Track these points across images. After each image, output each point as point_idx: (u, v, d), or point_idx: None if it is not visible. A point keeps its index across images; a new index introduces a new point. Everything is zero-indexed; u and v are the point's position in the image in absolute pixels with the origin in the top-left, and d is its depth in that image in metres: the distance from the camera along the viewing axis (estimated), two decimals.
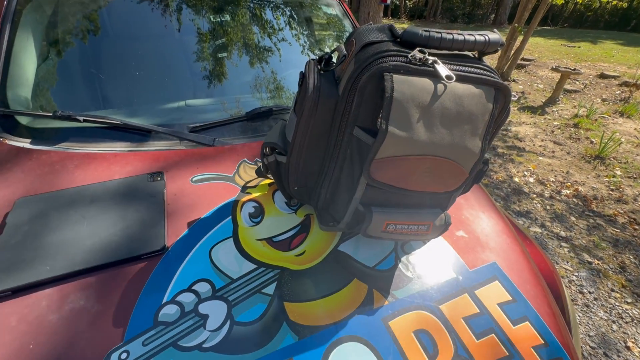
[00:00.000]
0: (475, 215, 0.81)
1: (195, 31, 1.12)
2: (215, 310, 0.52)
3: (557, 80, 4.87)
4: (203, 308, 0.52)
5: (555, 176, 3.01)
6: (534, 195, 2.69)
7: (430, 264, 0.66)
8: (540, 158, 3.35)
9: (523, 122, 4.20)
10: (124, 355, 0.46)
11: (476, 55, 0.51)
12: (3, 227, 0.59)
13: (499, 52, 5.67)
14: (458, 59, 0.47)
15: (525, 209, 2.49)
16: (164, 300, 0.53)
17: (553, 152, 3.48)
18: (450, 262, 0.67)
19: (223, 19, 1.16)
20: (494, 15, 13.42)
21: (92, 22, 1.05)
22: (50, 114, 0.83)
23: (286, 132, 0.57)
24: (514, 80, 5.48)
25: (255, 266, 0.59)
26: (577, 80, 5.69)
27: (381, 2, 4.93)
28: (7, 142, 0.80)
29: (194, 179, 0.75)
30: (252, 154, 0.85)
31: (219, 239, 0.63)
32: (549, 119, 4.31)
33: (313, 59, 0.54)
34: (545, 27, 12.80)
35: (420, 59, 0.43)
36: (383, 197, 0.53)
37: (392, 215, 0.53)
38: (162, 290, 0.54)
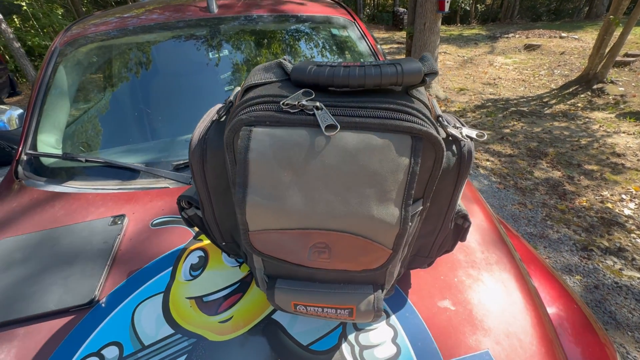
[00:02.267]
0: (475, 278, 0.62)
1: (199, 68, 1.16)
2: None
3: None
4: None
5: None
6: (633, 227, 2.11)
7: (387, 346, 0.51)
8: None
9: (623, 132, 3.41)
10: None
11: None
12: None
13: (591, 50, 4.79)
14: (370, 98, 0.35)
15: (618, 244, 1.95)
16: None
17: None
18: (416, 347, 0.51)
19: (225, 54, 1.18)
20: (587, 9, 11.54)
21: (111, 74, 1.17)
22: (60, 156, 0.92)
23: None
24: (611, 82, 4.55)
25: (172, 332, 0.53)
26: None
27: (439, 11, 4.65)
28: (25, 182, 0.91)
29: (154, 222, 0.73)
30: None
31: (149, 295, 0.59)
32: None
33: (222, 104, 0.48)
34: None
35: (294, 105, 0.33)
36: (287, 269, 0.42)
37: (300, 294, 0.42)
38: (73, 350, 0.51)
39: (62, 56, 1.17)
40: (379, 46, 1.41)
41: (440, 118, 0.39)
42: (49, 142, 1.05)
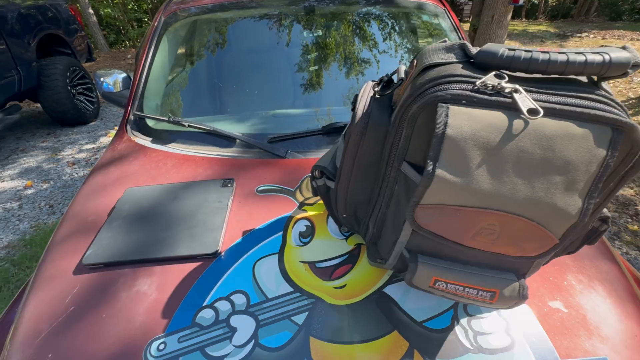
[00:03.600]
0: (586, 284, 0.61)
1: (291, 46, 1.19)
2: (244, 326, 0.53)
3: None
4: (234, 320, 0.53)
5: None
6: None
7: (501, 336, 0.52)
8: None
9: None
10: (162, 346, 0.51)
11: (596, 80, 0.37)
12: (112, 210, 0.74)
13: None
14: (557, 86, 0.35)
15: None
16: (204, 303, 0.56)
17: None
18: (531, 342, 0.51)
19: (317, 34, 1.20)
20: None
21: (209, 46, 1.24)
22: (165, 119, 1.00)
23: (336, 157, 0.54)
24: None
25: (291, 289, 0.58)
26: None
27: (511, 3, 4.32)
28: (135, 139, 1.01)
29: (259, 189, 0.78)
30: None
31: (265, 253, 0.64)
32: None
33: (373, 81, 0.49)
34: None
35: (492, 86, 0.34)
36: (433, 246, 0.44)
37: (443, 271, 0.43)
38: (205, 292, 0.58)
39: (165, 28, 1.25)
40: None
41: None
42: (151, 106, 1.15)
